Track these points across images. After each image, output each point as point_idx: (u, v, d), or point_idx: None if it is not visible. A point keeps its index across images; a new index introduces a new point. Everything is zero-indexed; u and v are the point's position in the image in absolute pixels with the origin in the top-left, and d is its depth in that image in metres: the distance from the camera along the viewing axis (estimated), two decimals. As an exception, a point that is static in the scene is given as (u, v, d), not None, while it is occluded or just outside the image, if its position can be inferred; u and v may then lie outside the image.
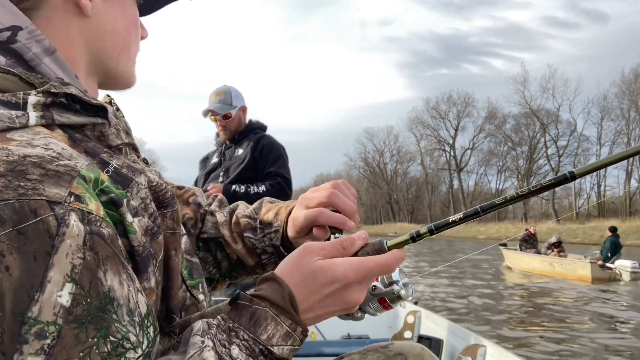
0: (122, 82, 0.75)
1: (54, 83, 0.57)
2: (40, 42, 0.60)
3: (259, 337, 0.58)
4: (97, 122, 0.61)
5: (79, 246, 0.47)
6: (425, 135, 78.46)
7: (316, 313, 0.64)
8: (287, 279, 0.62)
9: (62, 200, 0.47)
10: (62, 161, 0.50)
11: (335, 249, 0.66)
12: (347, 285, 0.63)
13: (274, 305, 0.60)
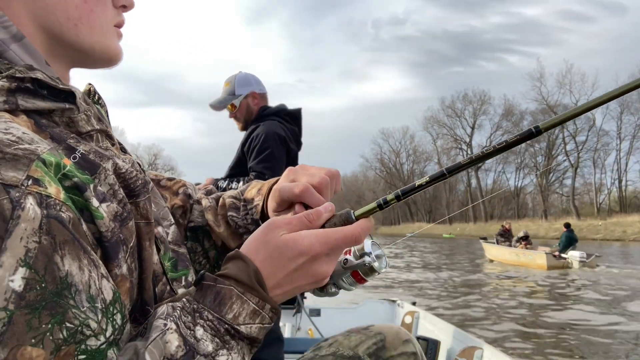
0: (96, 57, 0.69)
1: (19, 68, 0.56)
2: (7, 29, 0.59)
3: (224, 316, 0.57)
4: (65, 108, 0.59)
5: (34, 230, 0.45)
6: (441, 135, 78.12)
7: (285, 289, 0.62)
8: (252, 256, 0.61)
9: (19, 184, 0.46)
10: (21, 145, 0.49)
11: (301, 223, 0.64)
12: (314, 257, 0.61)
13: (239, 283, 0.58)
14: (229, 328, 0.57)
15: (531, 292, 10.27)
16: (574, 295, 9.73)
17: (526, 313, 7.92)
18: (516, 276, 12.61)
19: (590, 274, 12.47)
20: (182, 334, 0.55)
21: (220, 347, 0.56)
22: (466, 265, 16.08)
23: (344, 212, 0.68)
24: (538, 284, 11.39)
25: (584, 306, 8.42)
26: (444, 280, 12.16)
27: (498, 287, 11.13)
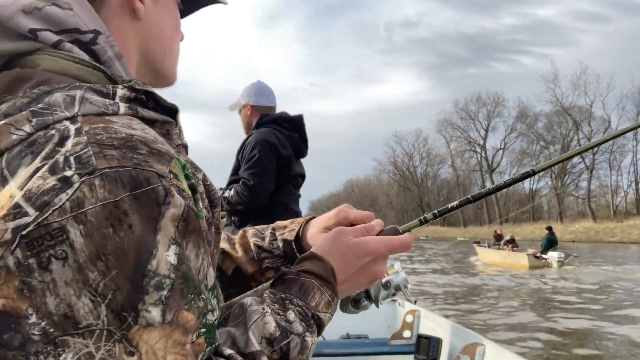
0: (164, 81, 0.79)
1: (137, 81, 0.62)
2: (113, 47, 0.65)
3: (309, 304, 0.66)
4: (167, 121, 0.64)
5: (178, 216, 0.51)
6: (455, 137, 77.80)
7: (349, 284, 0.73)
8: (326, 256, 0.71)
9: (166, 175, 0.52)
10: (160, 144, 0.55)
11: (362, 232, 0.77)
12: (376, 258, 0.74)
13: (319, 277, 0.68)
14: (313, 314, 0.66)
15: (518, 290, 11.13)
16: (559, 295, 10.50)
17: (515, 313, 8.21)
18: (504, 275, 13.70)
19: (572, 273, 13.69)
20: (276, 317, 0.63)
21: (305, 330, 0.64)
22: (461, 266, 17.47)
23: (391, 227, 0.81)
24: (522, 282, 12.45)
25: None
26: (440, 279, 13.26)
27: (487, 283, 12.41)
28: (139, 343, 0.46)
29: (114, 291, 0.46)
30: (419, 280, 12.93)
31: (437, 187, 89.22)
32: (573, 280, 12.05)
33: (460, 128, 75.80)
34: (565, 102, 60.20)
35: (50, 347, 0.44)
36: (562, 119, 62.24)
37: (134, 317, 0.46)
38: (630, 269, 14.76)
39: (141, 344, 0.46)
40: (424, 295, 10.08)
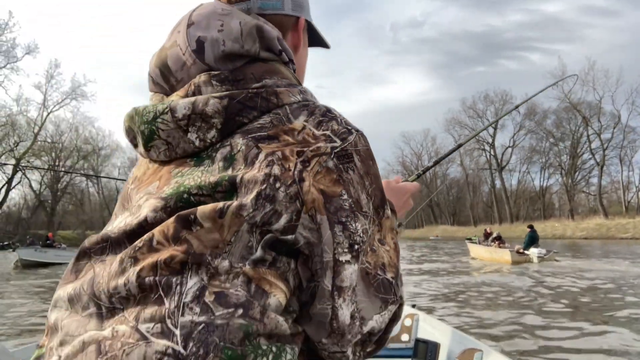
0: None
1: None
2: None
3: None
4: None
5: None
6: (463, 136, 77.24)
7: (400, 213, 1.09)
8: (389, 196, 0.99)
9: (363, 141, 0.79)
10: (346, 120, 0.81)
11: (397, 181, 1.17)
12: (412, 195, 1.15)
13: (391, 210, 0.96)
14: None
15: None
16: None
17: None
18: (493, 271, 15.10)
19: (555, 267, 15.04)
20: None
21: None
22: (452, 261, 19.55)
23: (405, 179, 1.27)
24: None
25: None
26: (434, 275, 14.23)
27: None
28: (383, 226, 0.79)
29: (375, 196, 0.77)
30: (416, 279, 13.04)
31: (447, 186, 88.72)
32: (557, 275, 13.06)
33: (469, 126, 75.32)
34: (574, 98, 59.67)
35: (350, 215, 0.73)
36: (571, 115, 61.71)
37: (383, 212, 0.79)
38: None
39: (384, 227, 0.79)
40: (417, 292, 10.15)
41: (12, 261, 20.67)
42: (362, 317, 0.72)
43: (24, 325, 6.67)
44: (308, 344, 0.73)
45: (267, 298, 0.66)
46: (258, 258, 0.67)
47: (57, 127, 60.69)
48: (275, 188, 0.69)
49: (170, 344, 0.60)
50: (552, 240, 45.35)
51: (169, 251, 0.67)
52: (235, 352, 0.61)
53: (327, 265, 0.70)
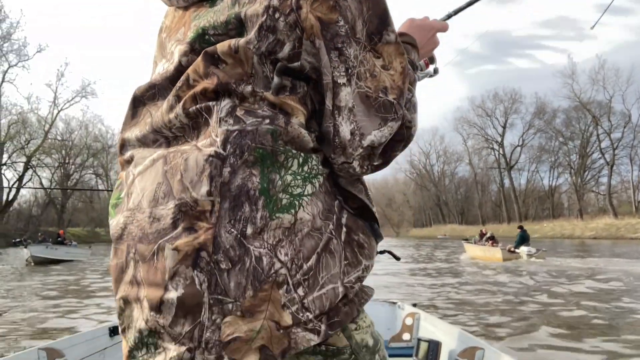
0: None
1: None
2: None
3: (412, 57, 1.00)
4: None
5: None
6: (472, 135, 77.00)
7: (424, 49, 1.09)
8: (411, 32, 1.06)
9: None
10: None
11: (423, 19, 1.13)
12: (437, 31, 1.12)
13: (411, 44, 1.02)
14: (414, 62, 1.00)
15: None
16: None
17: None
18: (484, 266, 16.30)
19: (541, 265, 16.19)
20: None
21: (414, 70, 0.99)
22: (447, 258, 21.27)
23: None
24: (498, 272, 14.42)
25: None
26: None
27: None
28: (382, 52, 0.81)
29: (370, 22, 0.80)
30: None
31: (455, 185, 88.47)
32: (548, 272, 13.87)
33: (477, 125, 75.03)
34: (584, 97, 59.25)
35: (346, 41, 0.78)
36: (580, 114, 61.17)
37: (379, 37, 0.81)
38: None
39: (384, 52, 0.81)
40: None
41: (23, 258, 20.91)
42: (362, 133, 0.79)
43: (35, 325, 6.79)
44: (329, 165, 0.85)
45: (290, 117, 0.79)
46: (277, 84, 0.79)
47: (67, 125, 61.21)
48: (275, 19, 0.78)
49: (214, 148, 0.74)
50: (561, 239, 45.12)
51: (202, 84, 0.81)
52: (266, 150, 0.74)
53: (327, 87, 0.79)
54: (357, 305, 0.81)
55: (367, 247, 0.83)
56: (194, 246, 0.71)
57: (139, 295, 0.75)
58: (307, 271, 0.73)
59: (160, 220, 0.75)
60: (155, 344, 0.74)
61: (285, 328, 0.72)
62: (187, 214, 0.73)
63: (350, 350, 0.82)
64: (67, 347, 2.48)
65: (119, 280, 0.80)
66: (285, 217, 0.73)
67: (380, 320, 3.71)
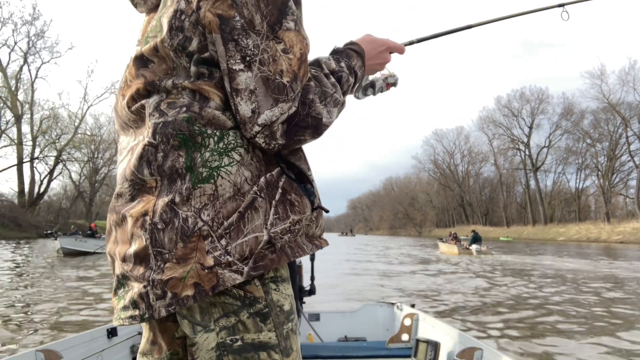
0: None
1: None
2: None
3: (351, 62, 1.14)
4: None
5: None
6: (497, 135, 75.98)
7: (372, 62, 1.23)
8: (361, 42, 1.21)
9: None
10: None
11: (380, 37, 1.27)
12: (388, 49, 1.26)
13: (356, 51, 1.18)
14: (353, 67, 1.14)
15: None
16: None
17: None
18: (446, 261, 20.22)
19: (487, 258, 21.61)
20: (334, 62, 1.10)
21: (349, 74, 1.11)
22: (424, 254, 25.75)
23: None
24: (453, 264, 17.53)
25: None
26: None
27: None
28: (284, 38, 0.93)
29: (271, 15, 0.91)
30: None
31: (480, 186, 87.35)
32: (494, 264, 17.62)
33: (503, 125, 73.95)
34: (613, 98, 57.90)
35: (242, 33, 0.90)
36: (609, 115, 59.77)
37: (280, 26, 0.92)
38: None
39: (286, 38, 0.93)
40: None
41: (54, 249, 21.51)
42: (259, 112, 0.92)
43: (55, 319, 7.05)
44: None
45: (208, 101, 0.95)
46: (195, 73, 0.96)
47: (96, 120, 62.47)
48: (181, 20, 0.94)
49: (147, 139, 0.95)
50: (587, 243, 44.27)
51: (135, 85, 1.01)
52: (185, 135, 0.93)
53: (224, 72, 0.93)
54: (288, 256, 0.97)
55: (297, 205, 1.00)
56: (140, 213, 0.94)
57: (116, 251, 1.00)
58: (228, 226, 0.91)
59: (122, 196, 1.01)
60: (126, 284, 0.98)
61: (209, 268, 0.90)
62: (140, 190, 0.97)
63: (265, 302, 0.96)
64: (65, 348, 2.51)
65: (108, 240, 1.06)
66: (207, 186, 0.92)
67: (379, 321, 3.79)
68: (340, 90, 1.06)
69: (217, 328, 0.95)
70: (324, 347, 3.17)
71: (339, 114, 1.08)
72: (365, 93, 1.38)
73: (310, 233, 1.06)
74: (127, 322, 0.97)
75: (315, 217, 1.06)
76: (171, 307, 0.91)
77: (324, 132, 1.02)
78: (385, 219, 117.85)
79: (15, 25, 53.42)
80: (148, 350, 1.12)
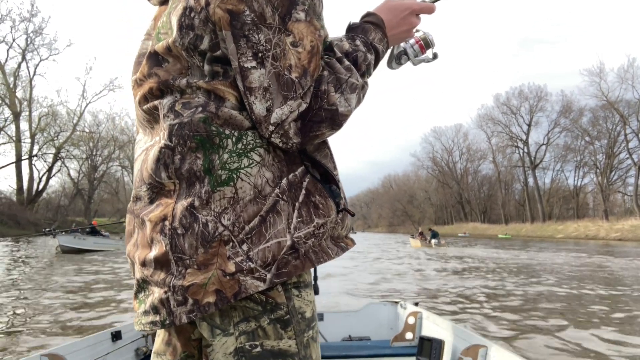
0: None
1: None
2: None
3: (368, 37, 1.04)
4: None
5: None
6: (496, 132, 75.90)
7: (396, 31, 1.10)
8: (379, 12, 1.10)
9: None
10: None
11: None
12: (412, 12, 1.12)
13: (373, 23, 1.07)
14: (371, 42, 1.04)
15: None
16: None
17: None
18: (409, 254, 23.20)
19: (444, 250, 26.20)
20: (348, 42, 1.01)
21: (367, 51, 1.02)
22: (397, 248, 29.85)
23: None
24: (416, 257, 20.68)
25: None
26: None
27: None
28: (292, 30, 0.87)
29: (282, 6, 0.87)
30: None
31: (478, 183, 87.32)
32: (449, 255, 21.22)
33: (502, 123, 73.76)
34: (612, 96, 57.80)
35: (253, 28, 0.86)
36: (608, 113, 59.71)
37: (289, 17, 0.87)
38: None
39: (296, 30, 0.88)
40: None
41: (53, 247, 21.46)
42: (272, 110, 0.88)
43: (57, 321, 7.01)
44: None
45: (224, 101, 0.92)
46: (209, 72, 0.92)
47: (95, 117, 62.39)
48: (191, 17, 0.90)
49: (164, 141, 0.92)
50: (585, 240, 44.33)
51: (147, 84, 0.98)
52: (202, 136, 0.90)
53: (236, 71, 0.89)
54: (312, 262, 0.93)
55: (322, 208, 0.95)
56: (159, 217, 0.91)
57: (135, 255, 0.97)
58: (250, 231, 0.88)
59: (141, 199, 0.98)
60: (147, 288, 0.96)
61: (230, 274, 0.88)
62: (159, 193, 0.94)
63: (287, 309, 0.93)
64: (70, 352, 2.50)
65: (128, 242, 1.03)
66: (227, 189, 0.88)
67: (383, 320, 3.78)
68: (358, 72, 0.99)
69: (237, 332, 0.92)
70: (328, 347, 3.17)
71: (362, 99, 1.01)
72: (399, 62, 1.25)
73: (336, 235, 1.02)
74: (149, 328, 0.95)
75: (340, 219, 1.02)
76: (192, 313, 0.89)
77: (343, 123, 0.96)
78: (384, 217, 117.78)
79: (14, 22, 53.25)
80: (162, 350, 1.10)
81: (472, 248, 28.99)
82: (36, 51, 51.42)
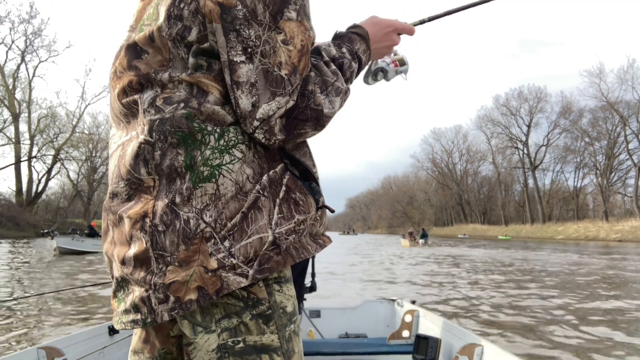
0: None
1: None
2: None
3: (353, 47, 1.08)
4: None
5: None
6: (496, 133, 75.94)
7: (378, 45, 1.16)
8: (365, 25, 1.14)
9: None
10: None
11: (386, 18, 1.19)
12: (395, 30, 1.18)
13: (359, 35, 1.11)
14: (356, 52, 1.08)
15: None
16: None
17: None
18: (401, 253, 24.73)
19: (432, 249, 28.12)
20: (335, 49, 1.05)
21: (351, 60, 1.06)
22: (392, 247, 31.83)
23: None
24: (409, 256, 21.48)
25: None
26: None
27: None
28: (285, 28, 0.88)
29: (273, 4, 0.87)
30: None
31: (478, 184, 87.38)
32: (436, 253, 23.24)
33: (502, 124, 73.84)
34: (611, 97, 57.82)
35: (244, 23, 0.86)
36: (608, 114, 59.71)
37: (281, 16, 0.88)
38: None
39: (287, 29, 0.88)
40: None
41: (51, 248, 21.44)
42: (258, 106, 0.89)
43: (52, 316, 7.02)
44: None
45: (206, 95, 0.91)
46: (193, 64, 0.91)
47: (94, 119, 62.42)
48: (180, 8, 0.90)
49: (143, 136, 0.91)
50: (585, 241, 44.32)
51: (127, 77, 0.96)
52: (184, 132, 0.89)
53: (224, 64, 0.89)
54: (293, 257, 0.94)
55: (302, 204, 0.96)
56: (139, 214, 0.90)
57: (114, 253, 0.96)
58: (232, 227, 0.88)
59: (118, 195, 0.96)
60: (126, 287, 0.95)
61: (212, 271, 0.87)
62: (137, 189, 0.93)
63: (269, 304, 0.93)
64: (67, 346, 2.49)
65: (104, 240, 1.02)
66: (208, 186, 0.88)
67: (380, 318, 3.78)
68: (343, 77, 1.01)
69: (219, 329, 0.92)
70: (324, 344, 3.16)
71: (344, 103, 1.03)
72: (375, 78, 1.30)
73: (314, 232, 1.02)
74: (129, 327, 0.94)
75: (319, 216, 1.02)
76: (174, 311, 0.89)
77: (326, 124, 0.98)
78: (384, 218, 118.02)
79: (13, 24, 53.29)
80: (140, 348, 1.07)
81: (459, 248, 29.72)
82: (35, 53, 51.62)
